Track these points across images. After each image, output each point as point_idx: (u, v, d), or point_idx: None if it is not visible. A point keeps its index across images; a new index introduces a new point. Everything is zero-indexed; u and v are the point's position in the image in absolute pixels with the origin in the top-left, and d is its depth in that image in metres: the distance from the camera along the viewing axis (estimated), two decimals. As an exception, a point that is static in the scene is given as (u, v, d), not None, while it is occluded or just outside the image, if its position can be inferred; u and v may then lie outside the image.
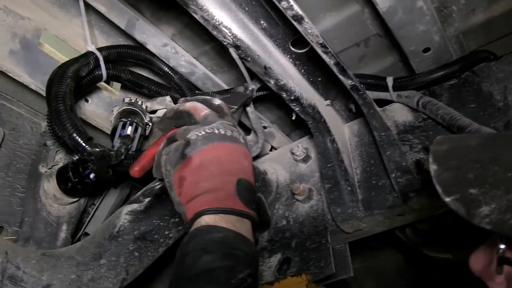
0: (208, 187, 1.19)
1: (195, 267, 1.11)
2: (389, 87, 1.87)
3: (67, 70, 1.47)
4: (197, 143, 1.21)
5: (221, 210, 1.18)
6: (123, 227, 1.60)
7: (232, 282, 1.08)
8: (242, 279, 1.09)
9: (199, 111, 1.33)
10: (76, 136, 1.34)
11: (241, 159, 1.27)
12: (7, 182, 1.74)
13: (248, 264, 1.14)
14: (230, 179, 1.21)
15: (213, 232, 1.16)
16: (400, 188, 1.66)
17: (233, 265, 1.11)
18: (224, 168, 1.22)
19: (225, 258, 1.12)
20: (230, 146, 1.25)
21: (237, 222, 1.19)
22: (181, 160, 1.22)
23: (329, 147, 1.80)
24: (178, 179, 1.23)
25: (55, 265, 1.49)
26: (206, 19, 1.39)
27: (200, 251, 1.13)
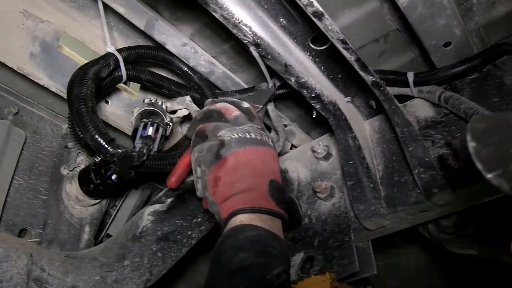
0: (243, 187, 1.23)
1: (231, 264, 1.13)
2: (410, 82, 1.85)
3: (88, 72, 1.47)
4: (231, 145, 1.25)
5: (255, 210, 1.21)
6: (146, 228, 1.61)
7: (267, 278, 1.10)
8: (277, 275, 1.11)
9: (230, 112, 1.37)
10: (98, 137, 1.34)
11: (271, 162, 1.31)
12: (30, 185, 1.74)
13: (282, 261, 1.16)
14: (263, 181, 1.25)
15: (247, 230, 1.18)
16: (423, 184, 1.64)
17: (267, 262, 1.13)
18: (257, 170, 1.25)
19: (260, 255, 1.14)
20: (261, 150, 1.29)
21: (270, 221, 1.22)
22: (216, 160, 1.26)
23: (351, 144, 1.78)
24: (213, 179, 1.26)
25: (79, 266, 1.49)
26: (226, 18, 1.38)
27: (236, 250, 1.14)
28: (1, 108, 1.71)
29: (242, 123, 1.34)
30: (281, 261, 1.16)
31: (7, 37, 1.54)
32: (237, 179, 1.24)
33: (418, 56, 1.97)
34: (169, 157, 1.57)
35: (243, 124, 1.33)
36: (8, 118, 1.71)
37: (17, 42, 1.57)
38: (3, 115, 1.71)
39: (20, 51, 1.57)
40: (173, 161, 1.57)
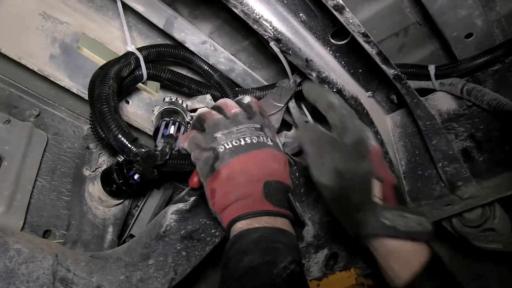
0: (237, 196, 1.24)
1: (238, 269, 1.15)
2: (431, 75, 1.83)
3: (109, 71, 1.46)
4: (224, 157, 1.28)
5: (251, 214, 1.22)
6: (169, 226, 1.60)
7: (274, 272, 1.10)
8: (285, 267, 1.12)
9: (229, 108, 1.39)
10: (121, 137, 1.34)
11: (269, 163, 1.31)
12: (53, 186, 1.75)
13: (289, 253, 1.16)
14: (257, 185, 1.26)
15: (250, 234, 1.19)
16: (447, 177, 1.63)
17: (273, 258, 1.13)
18: (250, 176, 1.26)
19: (265, 253, 1.15)
20: (256, 154, 1.30)
21: (270, 220, 1.22)
22: (211, 173, 1.29)
23: (373, 139, 1.77)
24: (210, 191, 1.30)
25: (104, 266, 1.49)
26: (246, 13, 1.37)
27: (241, 254, 1.16)
28: (23, 110, 1.72)
29: (240, 122, 1.34)
30: (288, 253, 1.16)
31: (27, 39, 1.55)
32: (230, 189, 1.26)
33: (438, 49, 1.95)
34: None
35: (241, 124, 1.34)
36: (30, 120, 1.72)
37: (37, 44, 1.57)
38: (24, 117, 1.71)
39: (40, 53, 1.57)
40: None
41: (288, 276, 1.11)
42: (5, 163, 1.57)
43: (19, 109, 1.71)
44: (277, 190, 1.28)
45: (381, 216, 1.25)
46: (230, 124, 1.34)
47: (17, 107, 1.71)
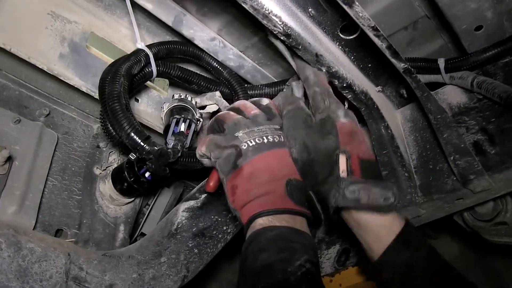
0: (259, 192, 1.25)
1: (254, 267, 1.15)
2: (441, 69, 1.82)
3: (120, 69, 1.46)
4: (248, 154, 1.28)
5: (272, 211, 1.22)
6: (181, 224, 1.60)
7: (289, 270, 1.10)
8: (300, 266, 1.12)
9: (249, 109, 1.41)
10: (134, 135, 1.33)
11: (290, 161, 1.33)
12: (64, 186, 1.75)
13: (305, 252, 1.16)
14: (279, 183, 1.26)
15: (267, 232, 1.20)
16: (459, 171, 1.62)
17: (288, 256, 1.14)
18: (273, 174, 1.27)
19: (281, 251, 1.15)
20: (278, 152, 1.32)
21: (291, 220, 1.23)
22: (233, 170, 1.29)
23: (383, 134, 1.76)
24: (231, 188, 1.30)
25: (116, 265, 1.50)
26: (256, 9, 1.36)
27: (257, 252, 1.17)
28: (33, 110, 1.72)
29: (261, 123, 1.37)
30: (304, 252, 1.16)
31: (37, 39, 1.55)
32: (253, 186, 1.26)
33: (448, 42, 1.94)
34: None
35: (261, 125, 1.36)
36: (40, 119, 1.73)
37: (46, 43, 1.57)
38: (34, 117, 1.72)
39: (49, 52, 1.57)
40: None
41: (303, 274, 1.11)
42: (16, 163, 1.57)
43: (29, 109, 1.71)
44: (298, 188, 1.29)
45: (345, 189, 1.28)
46: (251, 124, 1.36)
47: (27, 107, 1.71)
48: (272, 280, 1.10)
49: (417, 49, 1.98)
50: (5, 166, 1.50)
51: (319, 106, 1.48)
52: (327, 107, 1.46)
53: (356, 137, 1.46)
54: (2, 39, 1.45)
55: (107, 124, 1.54)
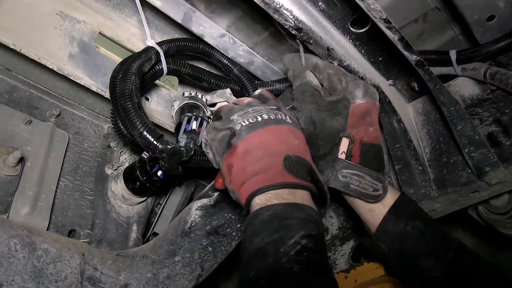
0: (255, 170, 1.21)
1: (248, 253, 1.12)
2: (453, 60, 1.80)
3: (131, 67, 1.45)
4: (241, 133, 1.25)
5: (270, 187, 1.18)
6: (194, 222, 1.59)
7: (281, 251, 1.06)
8: (294, 243, 1.07)
9: (242, 100, 1.41)
10: (147, 134, 1.32)
11: (289, 138, 1.29)
12: (76, 186, 1.75)
13: (301, 228, 1.12)
14: (277, 159, 1.22)
15: (262, 213, 1.15)
16: (474, 163, 1.60)
17: (282, 235, 1.09)
18: (270, 150, 1.23)
19: (274, 232, 1.11)
20: (275, 129, 1.28)
21: (289, 195, 1.19)
22: (227, 149, 1.26)
23: (396, 128, 1.75)
24: (227, 167, 1.27)
25: (130, 264, 1.49)
26: (267, 3, 1.35)
27: (252, 237, 1.13)
28: (43, 111, 1.72)
29: (255, 105, 1.35)
30: (301, 228, 1.12)
31: (46, 39, 1.54)
32: (248, 163, 1.22)
33: (458, 34, 1.92)
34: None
35: (255, 107, 1.34)
36: (51, 120, 1.72)
37: (56, 43, 1.56)
38: (45, 118, 1.71)
39: (59, 52, 1.56)
40: None
41: (297, 253, 1.06)
42: (28, 164, 1.57)
43: (39, 109, 1.71)
44: (298, 163, 1.24)
45: (338, 171, 1.37)
46: (245, 107, 1.35)
47: (38, 108, 1.70)
48: (262, 264, 1.06)
49: (427, 41, 1.96)
50: (17, 167, 1.50)
51: (336, 87, 1.48)
52: (344, 88, 1.48)
53: (368, 119, 1.48)
54: (12, 40, 1.45)
55: (118, 123, 1.53)
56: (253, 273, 1.06)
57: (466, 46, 1.94)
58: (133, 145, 1.58)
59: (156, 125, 1.77)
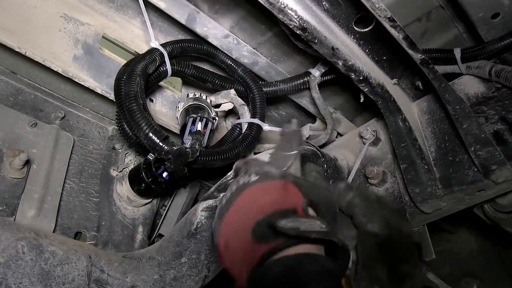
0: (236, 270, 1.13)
1: None
2: (457, 59, 1.80)
3: (135, 68, 1.45)
4: (215, 224, 1.17)
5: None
6: (200, 224, 1.59)
7: None
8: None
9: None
10: (152, 136, 1.32)
11: (256, 200, 1.15)
12: (81, 188, 1.74)
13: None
14: (245, 236, 1.10)
15: (274, 265, 1.06)
16: (480, 161, 1.60)
17: None
18: (237, 234, 1.13)
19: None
20: (237, 202, 1.15)
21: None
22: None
23: (401, 127, 1.75)
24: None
25: (137, 266, 1.48)
26: (272, 3, 1.35)
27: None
28: (48, 113, 1.72)
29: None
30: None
31: (51, 41, 1.54)
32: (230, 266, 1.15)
33: (462, 32, 1.92)
34: (220, 152, 1.55)
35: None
36: (55, 122, 1.72)
37: (60, 46, 1.56)
38: (50, 120, 1.71)
39: (63, 54, 1.56)
40: (224, 157, 1.54)
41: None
42: (34, 166, 1.57)
43: (44, 112, 1.71)
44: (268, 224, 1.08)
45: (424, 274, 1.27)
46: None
47: (43, 110, 1.70)
48: None
49: (430, 40, 1.96)
50: (23, 170, 1.50)
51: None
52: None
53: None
54: (17, 43, 1.45)
55: (123, 125, 1.53)
56: None
57: (469, 44, 1.94)
58: (138, 146, 1.58)
59: (161, 126, 1.77)
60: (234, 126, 1.79)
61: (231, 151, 1.57)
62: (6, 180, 1.46)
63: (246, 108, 1.76)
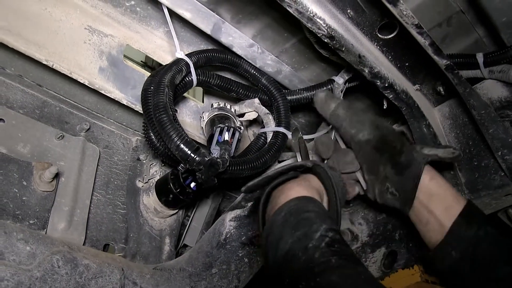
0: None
1: (276, 262, 1.10)
2: (480, 63, 1.80)
3: (163, 79, 1.44)
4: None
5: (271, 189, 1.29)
6: (229, 234, 1.59)
7: (309, 246, 1.04)
8: (321, 236, 1.06)
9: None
10: (184, 147, 1.31)
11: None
12: (108, 200, 1.74)
13: (322, 221, 1.11)
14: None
15: (276, 217, 1.17)
16: (508, 165, 1.60)
17: (305, 231, 1.08)
18: None
19: (294, 229, 1.09)
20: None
21: (297, 188, 1.26)
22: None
23: (425, 132, 1.75)
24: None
25: (168, 278, 1.49)
26: (301, 12, 1.35)
27: (274, 244, 1.12)
28: (73, 125, 1.71)
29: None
30: (321, 221, 1.10)
31: (76, 54, 1.54)
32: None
33: (483, 37, 1.92)
34: (248, 161, 1.54)
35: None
36: (81, 134, 1.72)
37: (86, 58, 1.56)
38: (75, 132, 1.71)
39: (89, 66, 1.56)
40: (252, 166, 1.54)
41: (328, 245, 1.03)
42: (62, 179, 1.56)
43: (70, 124, 1.71)
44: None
45: (421, 152, 1.44)
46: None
47: (68, 123, 1.70)
48: (296, 266, 1.03)
49: (450, 45, 1.97)
50: (53, 183, 1.49)
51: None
52: None
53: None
54: (44, 56, 1.44)
55: (150, 135, 1.53)
56: (288, 279, 1.04)
57: (489, 48, 1.94)
58: (165, 157, 1.57)
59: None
60: (259, 135, 1.78)
61: (259, 160, 1.57)
62: (37, 193, 1.46)
63: (270, 117, 1.76)
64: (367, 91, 2.01)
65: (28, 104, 1.62)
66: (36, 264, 1.21)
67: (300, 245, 1.05)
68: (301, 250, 1.04)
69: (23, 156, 1.51)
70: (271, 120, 1.76)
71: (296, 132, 1.62)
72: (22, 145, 1.53)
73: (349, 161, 1.54)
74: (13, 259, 1.18)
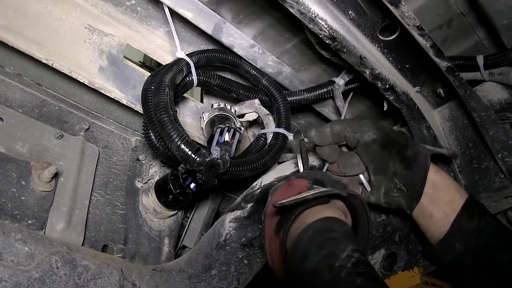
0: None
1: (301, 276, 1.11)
2: (480, 65, 1.80)
3: (164, 79, 1.43)
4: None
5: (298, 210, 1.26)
6: (229, 235, 1.58)
7: (336, 265, 1.04)
8: (348, 257, 1.05)
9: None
10: (184, 147, 1.31)
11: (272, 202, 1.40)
12: (107, 200, 1.73)
13: (348, 241, 1.11)
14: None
15: (303, 236, 1.17)
16: (508, 167, 1.61)
17: (332, 250, 1.08)
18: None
19: (320, 248, 1.10)
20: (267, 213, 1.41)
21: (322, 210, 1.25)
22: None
23: (426, 134, 1.75)
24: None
25: (168, 279, 1.48)
26: (303, 12, 1.35)
27: (299, 263, 1.12)
28: (73, 125, 1.70)
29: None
30: (347, 241, 1.11)
31: (76, 53, 1.53)
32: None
33: (483, 39, 1.92)
34: (248, 162, 1.54)
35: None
36: (80, 134, 1.70)
37: (86, 57, 1.55)
38: (74, 132, 1.70)
39: (89, 65, 1.55)
40: (252, 167, 1.54)
41: (354, 265, 1.03)
42: (61, 179, 1.55)
43: (69, 123, 1.69)
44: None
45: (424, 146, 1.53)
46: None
47: (68, 122, 1.69)
48: (320, 283, 1.03)
49: (451, 47, 1.97)
50: (52, 183, 1.48)
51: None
52: None
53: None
54: (44, 55, 1.43)
55: (150, 135, 1.51)
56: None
57: (490, 51, 1.94)
58: (164, 157, 1.56)
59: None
60: (259, 136, 1.78)
61: (259, 161, 1.56)
62: (35, 193, 1.44)
63: (271, 118, 1.76)
64: (367, 92, 2.01)
65: (27, 103, 1.60)
66: (35, 264, 1.20)
67: (326, 263, 1.06)
68: (326, 268, 1.05)
69: (22, 156, 1.50)
70: (271, 121, 1.75)
71: (297, 134, 1.61)
72: (21, 144, 1.52)
73: (355, 163, 1.57)
74: (11, 260, 1.16)
